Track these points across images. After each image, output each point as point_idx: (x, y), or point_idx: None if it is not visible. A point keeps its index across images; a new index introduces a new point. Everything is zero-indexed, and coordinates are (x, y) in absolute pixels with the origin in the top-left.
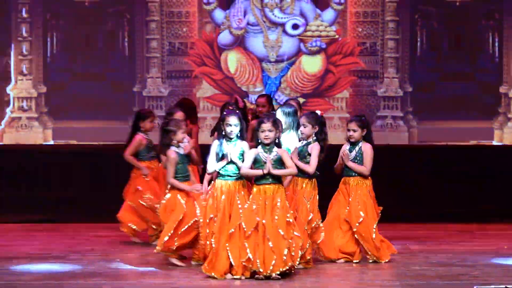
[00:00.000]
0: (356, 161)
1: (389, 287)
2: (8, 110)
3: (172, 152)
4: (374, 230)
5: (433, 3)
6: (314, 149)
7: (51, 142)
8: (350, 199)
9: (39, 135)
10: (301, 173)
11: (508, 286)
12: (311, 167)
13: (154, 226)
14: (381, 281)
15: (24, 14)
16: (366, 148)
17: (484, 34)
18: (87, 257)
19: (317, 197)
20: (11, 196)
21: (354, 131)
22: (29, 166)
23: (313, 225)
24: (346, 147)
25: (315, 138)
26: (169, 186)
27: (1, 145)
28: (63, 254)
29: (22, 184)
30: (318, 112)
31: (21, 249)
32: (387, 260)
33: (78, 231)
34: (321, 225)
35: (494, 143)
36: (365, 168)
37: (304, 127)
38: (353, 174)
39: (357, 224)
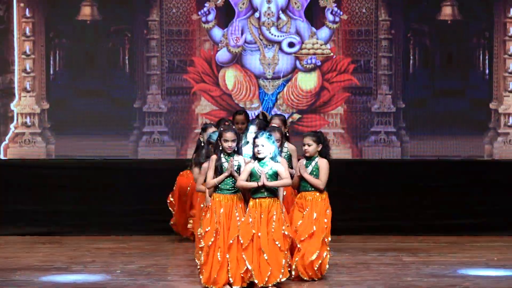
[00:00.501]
0: (312, 175)
1: None
2: (12, 125)
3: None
4: (319, 247)
5: (425, 21)
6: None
7: (54, 157)
8: (304, 213)
9: (42, 150)
10: (310, 187)
11: None
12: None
13: None
14: None
15: (28, 33)
16: (322, 163)
17: (475, 52)
18: (89, 269)
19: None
20: (15, 209)
21: (309, 145)
22: (32, 180)
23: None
24: (302, 161)
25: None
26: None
27: (5, 160)
28: (65, 265)
29: (25, 198)
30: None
31: (25, 261)
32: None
33: (79, 243)
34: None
35: (485, 157)
36: (321, 182)
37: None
38: (310, 188)
39: (303, 239)
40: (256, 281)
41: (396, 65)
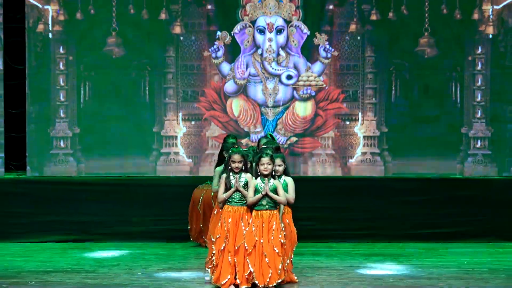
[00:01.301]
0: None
1: None
2: (48, 148)
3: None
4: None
5: (405, 57)
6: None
7: (84, 174)
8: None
9: (73, 168)
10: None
11: None
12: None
13: None
14: None
15: (62, 67)
16: (289, 180)
17: (448, 84)
18: (113, 271)
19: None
20: (50, 220)
21: (280, 165)
22: (65, 195)
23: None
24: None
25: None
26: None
27: (43, 177)
28: (93, 268)
29: (59, 210)
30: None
31: (58, 264)
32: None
33: (105, 249)
34: None
35: (457, 175)
36: (291, 197)
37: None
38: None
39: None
40: (257, 282)
41: (380, 95)
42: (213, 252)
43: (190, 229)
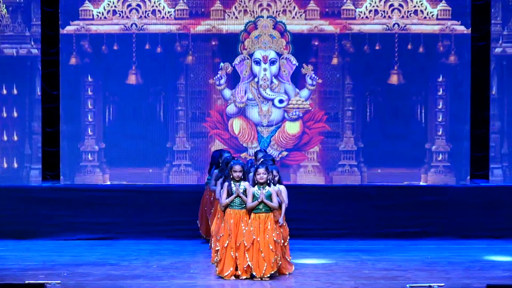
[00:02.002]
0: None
1: (347, 285)
2: (78, 160)
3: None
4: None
5: (378, 84)
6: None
7: (108, 183)
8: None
9: (100, 178)
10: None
11: (431, 284)
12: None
13: None
14: (341, 280)
15: (89, 92)
16: (283, 188)
17: (414, 106)
18: (133, 264)
19: None
20: (80, 221)
21: (275, 176)
22: (93, 200)
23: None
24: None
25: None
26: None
27: (74, 185)
28: (116, 261)
29: (87, 212)
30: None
31: (86, 258)
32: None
33: (126, 245)
34: None
35: (421, 183)
36: (286, 202)
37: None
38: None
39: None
40: (254, 274)
41: (357, 116)
42: (217, 248)
43: (200, 226)
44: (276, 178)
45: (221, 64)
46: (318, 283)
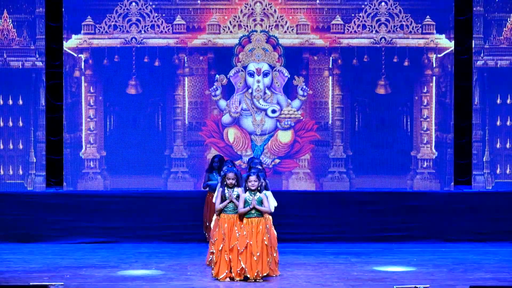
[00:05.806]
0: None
1: (336, 286)
2: (81, 168)
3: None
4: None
5: (366, 96)
6: (271, 195)
7: (109, 189)
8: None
9: (101, 184)
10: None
11: (417, 286)
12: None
13: None
14: (331, 282)
15: (91, 103)
16: (269, 193)
17: (400, 116)
18: (133, 266)
19: None
20: (82, 225)
21: (262, 182)
22: (94, 205)
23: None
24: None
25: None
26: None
27: (77, 191)
28: (116, 264)
29: (89, 217)
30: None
31: (88, 261)
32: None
33: (126, 249)
34: None
35: (407, 189)
36: (273, 205)
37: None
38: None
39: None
40: (248, 276)
41: (346, 125)
42: (211, 250)
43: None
44: (264, 184)
45: (217, 76)
46: (309, 285)
